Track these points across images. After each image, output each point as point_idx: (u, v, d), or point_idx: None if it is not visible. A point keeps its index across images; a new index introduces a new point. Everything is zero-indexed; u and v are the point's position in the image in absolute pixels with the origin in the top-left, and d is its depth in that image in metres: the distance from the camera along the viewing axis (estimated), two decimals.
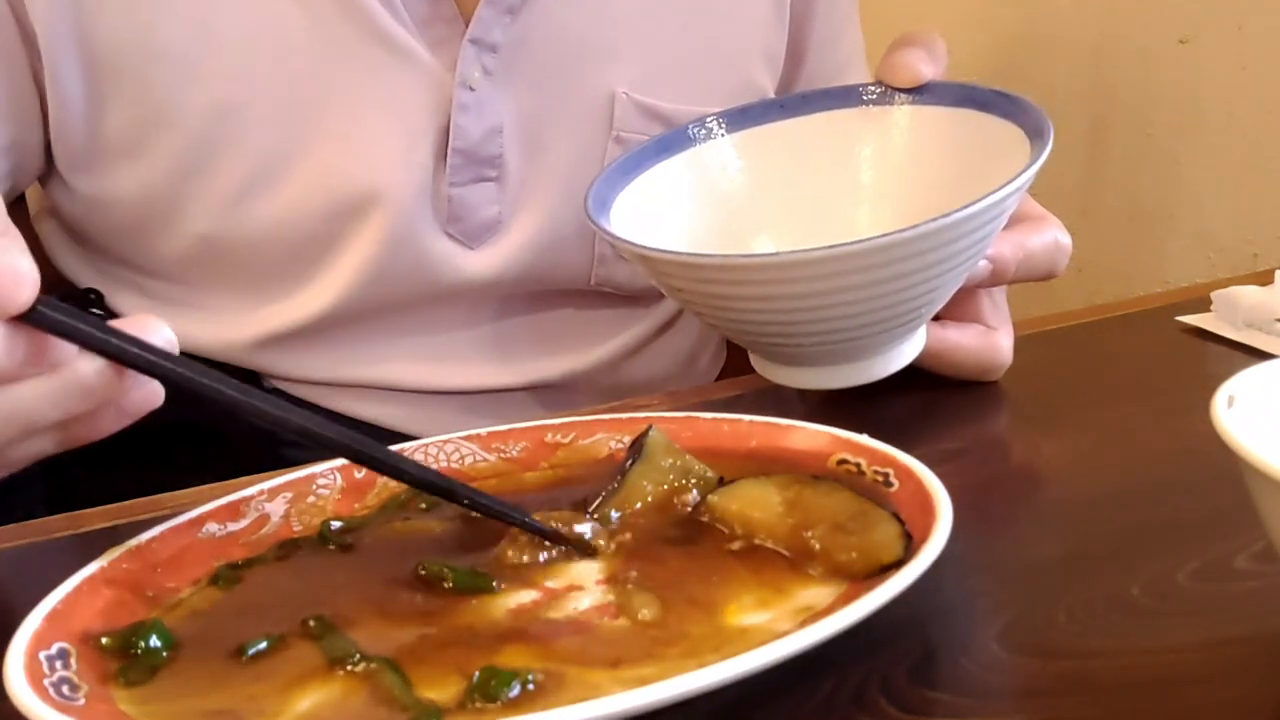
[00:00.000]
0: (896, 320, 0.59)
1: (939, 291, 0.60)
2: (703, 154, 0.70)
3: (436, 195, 0.75)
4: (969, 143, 0.65)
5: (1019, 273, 0.64)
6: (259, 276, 0.76)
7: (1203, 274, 1.22)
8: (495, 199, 0.76)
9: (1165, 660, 0.42)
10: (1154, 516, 0.52)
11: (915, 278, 0.57)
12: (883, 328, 0.60)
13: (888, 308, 0.58)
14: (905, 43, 0.69)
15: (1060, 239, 0.65)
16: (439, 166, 0.74)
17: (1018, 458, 0.61)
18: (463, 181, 0.74)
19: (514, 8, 0.73)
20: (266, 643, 0.43)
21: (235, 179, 0.72)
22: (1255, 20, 1.15)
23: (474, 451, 0.57)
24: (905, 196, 0.67)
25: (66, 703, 0.39)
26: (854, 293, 0.56)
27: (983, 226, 0.57)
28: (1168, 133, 1.24)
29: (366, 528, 0.52)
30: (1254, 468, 0.36)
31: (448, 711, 0.38)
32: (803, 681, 0.40)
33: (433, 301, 0.78)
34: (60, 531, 0.58)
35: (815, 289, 0.56)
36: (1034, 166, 0.57)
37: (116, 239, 0.77)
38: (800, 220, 0.69)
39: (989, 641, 0.43)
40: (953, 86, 0.68)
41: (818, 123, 0.71)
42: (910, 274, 0.56)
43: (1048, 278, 0.66)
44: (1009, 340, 0.67)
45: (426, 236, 0.75)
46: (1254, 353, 0.69)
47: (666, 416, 0.57)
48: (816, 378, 0.63)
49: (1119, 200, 1.30)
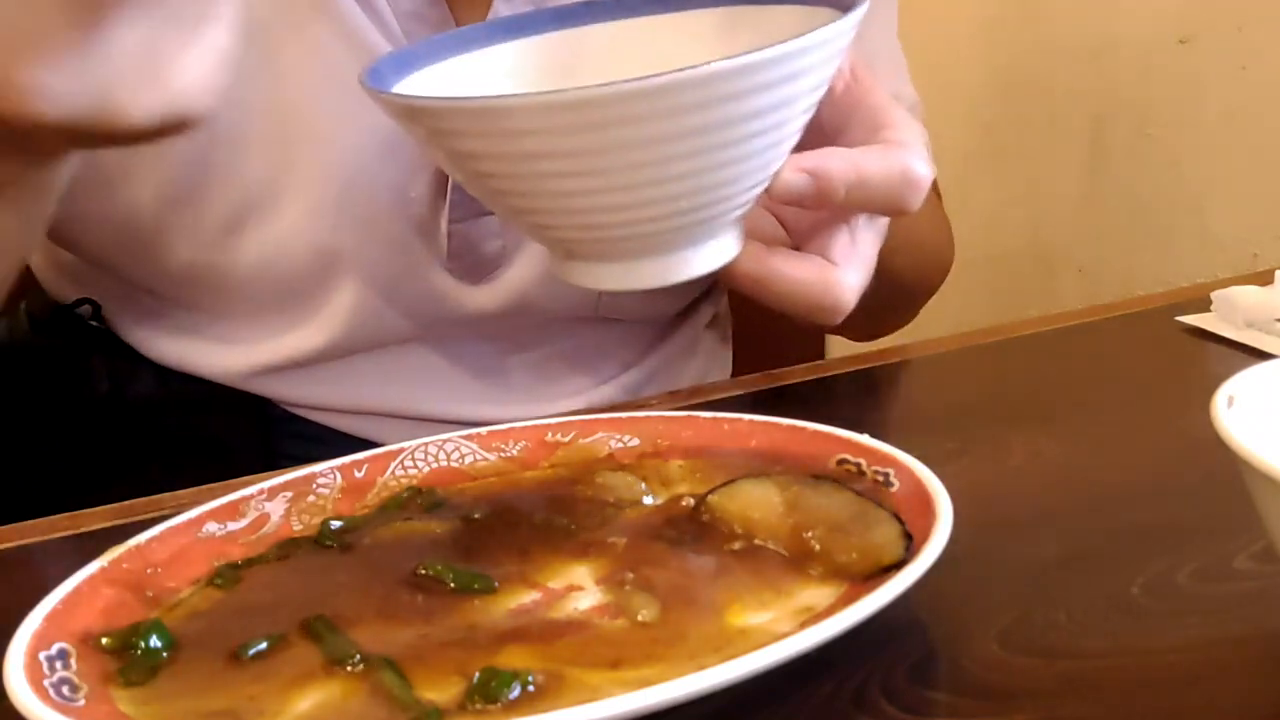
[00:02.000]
0: (688, 203, 0.53)
1: (731, 171, 0.53)
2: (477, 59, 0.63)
3: (435, 232, 0.72)
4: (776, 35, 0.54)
5: (852, 198, 0.56)
6: (256, 308, 0.74)
7: (1203, 274, 1.22)
8: (498, 233, 0.74)
9: (1165, 660, 0.42)
10: (1154, 516, 0.52)
11: (699, 141, 0.50)
12: (673, 209, 0.53)
13: (674, 181, 0.52)
14: None
15: (911, 169, 0.56)
16: (436, 203, 0.72)
17: (1018, 458, 0.61)
18: (463, 217, 0.72)
19: None
20: (266, 643, 0.43)
21: (224, 210, 0.70)
22: (1255, 20, 1.15)
23: (474, 451, 0.57)
24: None
25: (66, 703, 0.39)
26: (631, 153, 0.50)
27: (778, 85, 0.50)
28: (1168, 133, 1.24)
29: (366, 528, 0.52)
30: (1254, 468, 0.36)
31: (448, 712, 0.38)
32: (803, 682, 0.40)
33: (433, 337, 0.76)
34: (60, 531, 0.58)
35: (589, 144, 0.50)
36: (846, 20, 0.51)
37: (109, 255, 0.75)
38: None
39: (989, 641, 0.43)
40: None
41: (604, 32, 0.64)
42: (693, 135, 0.50)
43: (894, 213, 0.59)
44: (855, 280, 0.59)
45: (425, 274, 0.73)
46: (1254, 353, 0.69)
47: (666, 416, 0.57)
48: (612, 276, 0.57)
49: (1119, 200, 1.30)
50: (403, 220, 0.71)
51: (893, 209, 0.58)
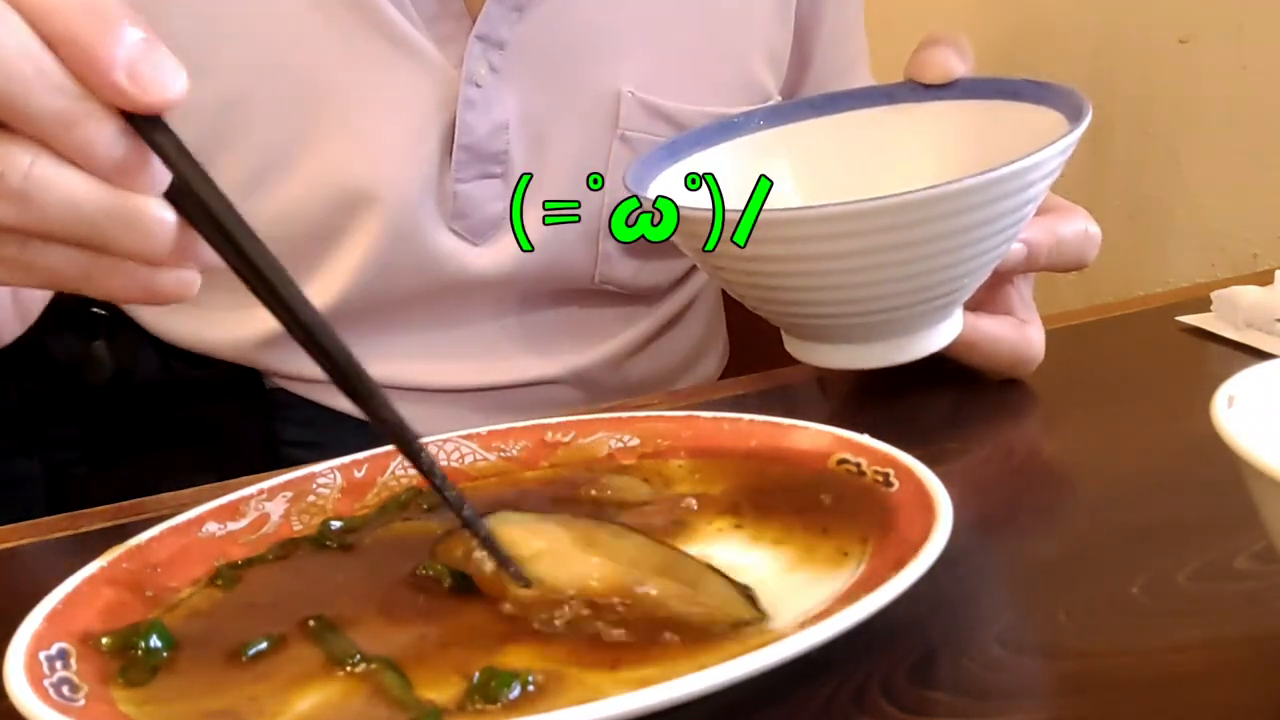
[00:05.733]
0: (932, 293, 0.58)
1: (976, 262, 0.59)
2: (741, 147, 0.70)
3: (441, 191, 0.75)
4: (1005, 134, 0.64)
5: (1050, 260, 0.64)
6: None
7: (1203, 274, 1.22)
8: (500, 195, 0.76)
9: (1165, 660, 0.42)
10: (1154, 516, 0.52)
11: (953, 241, 0.56)
12: (917, 299, 0.59)
13: (924, 275, 0.57)
14: (933, 41, 0.69)
15: (1090, 228, 0.66)
16: (444, 163, 0.74)
17: (1018, 458, 0.61)
18: (468, 178, 0.74)
19: (521, 5, 0.73)
20: (266, 643, 0.43)
21: (239, 173, 0.72)
22: (1255, 20, 1.15)
23: (474, 451, 0.57)
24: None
25: (66, 703, 0.39)
26: (889, 254, 0.55)
27: (1024, 189, 0.56)
28: (1168, 132, 1.24)
29: (366, 528, 0.52)
30: (1254, 468, 0.36)
31: (448, 712, 0.38)
32: (803, 682, 0.40)
33: (436, 298, 0.78)
34: (60, 531, 0.58)
35: (848, 249, 0.55)
36: (1076, 131, 0.57)
37: None
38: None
39: (989, 641, 0.43)
40: (983, 80, 0.67)
41: (850, 120, 0.70)
42: (948, 236, 0.55)
43: (1078, 267, 0.66)
44: (1040, 335, 0.67)
45: (430, 232, 0.75)
46: (1254, 353, 0.69)
47: (666, 416, 0.57)
48: (847, 356, 0.62)
49: (1119, 199, 1.30)
50: (411, 180, 0.73)
51: (1077, 265, 0.66)
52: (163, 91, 0.40)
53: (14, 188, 0.40)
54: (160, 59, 0.40)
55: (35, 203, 0.40)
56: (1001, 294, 0.66)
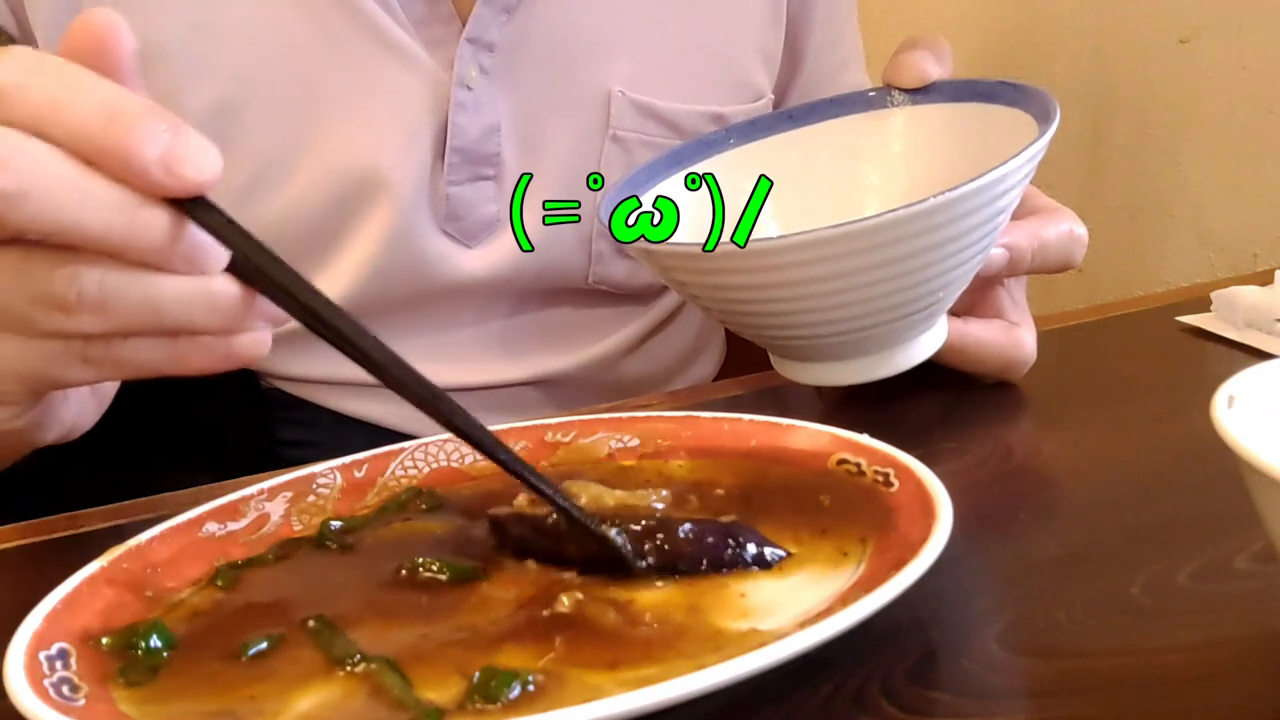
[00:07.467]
0: (912, 307, 0.59)
1: (953, 274, 0.58)
2: (714, 167, 0.70)
3: (434, 193, 0.75)
4: (977, 135, 0.65)
5: (1035, 263, 0.64)
6: None
7: (1203, 274, 1.22)
8: (493, 197, 0.76)
9: (1165, 660, 0.42)
10: (1154, 516, 0.52)
11: (927, 257, 0.56)
12: (898, 314, 0.59)
13: (901, 291, 0.57)
14: (911, 45, 0.69)
15: (1075, 229, 0.65)
16: (437, 165, 0.74)
17: (1018, 458, 0.61)
18: (461, 180, 0.75)
19: (510, 7, 0.73)
20: (266, 643, 0.43)
21: (237, 179, 0.72)
22: (1255, 20, 1.15)
23: (474, 451, 0.57)
24: (917, 194, 0.67)
25: (66, 703, 0.39)
26: (865, 275, 0.55)
27: (993, 202, 0.56)
28: (1168, 133, 1.24)
29: (366, 528, 0.52)
30: (1254, 468, 0.36)
31: (448, 712, 0.38)
32: (803, 682, 0.40)
33: (430, 300, 0.78)
34: (60, 531, 0.58)
35: (824, 273, 0.55)
36: (1043, 139, 0.57)
37: None
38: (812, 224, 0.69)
39: (989, 641, 0.43)
40: (955, 82, 0.68)
41: (826, 130, 0.71)
42: (921, 253, 0.55)
43: (1064, 269, 0.66)
44: (1032, 336, 0.67)
45: (424, 234, 0.75)
46: (1254, 353, 0.69)
47: (666, 416, 0.57)
48: (835, 373, 0.62)
49: (1119, 200, 1.30)
50: (405, 183, 0.73)
51: (1064, 266, 0.65)
52: (199, 174, 0.41)
53: (92, 301, 0.42)
54: (189, 144, 0.41)
55: (114, 310, 0.43)
56: (990, 297, 0.66)
